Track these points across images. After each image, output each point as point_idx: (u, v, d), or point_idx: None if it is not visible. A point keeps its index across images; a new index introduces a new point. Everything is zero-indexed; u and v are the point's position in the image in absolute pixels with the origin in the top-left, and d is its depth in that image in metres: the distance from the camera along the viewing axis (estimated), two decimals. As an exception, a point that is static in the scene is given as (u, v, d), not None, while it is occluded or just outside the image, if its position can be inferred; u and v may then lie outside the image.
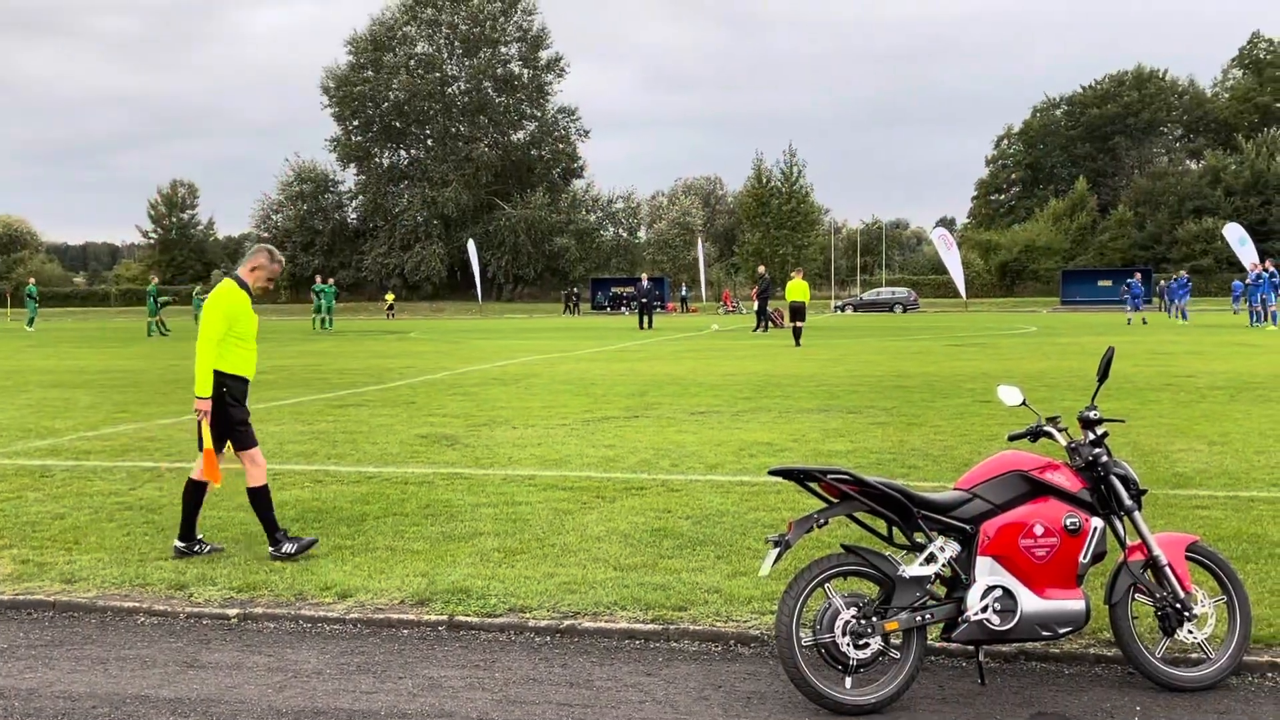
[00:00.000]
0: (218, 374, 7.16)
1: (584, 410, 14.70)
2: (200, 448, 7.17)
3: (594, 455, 10.90)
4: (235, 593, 6.41)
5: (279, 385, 19.20)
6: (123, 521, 8.18)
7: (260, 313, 8.39)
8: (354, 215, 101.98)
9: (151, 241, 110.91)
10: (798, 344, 29.90)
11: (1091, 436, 5.18)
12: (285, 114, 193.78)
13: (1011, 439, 5.50)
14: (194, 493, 7.27)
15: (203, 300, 43.23)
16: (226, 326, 7.21)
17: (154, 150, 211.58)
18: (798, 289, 32.27)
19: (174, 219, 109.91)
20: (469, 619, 5.89)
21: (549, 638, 5.72)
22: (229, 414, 7.20)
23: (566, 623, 5.78)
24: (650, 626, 5.70)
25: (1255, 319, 39.17)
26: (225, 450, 7.26)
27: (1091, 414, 5.23)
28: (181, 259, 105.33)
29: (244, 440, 7.25)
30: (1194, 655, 5.11)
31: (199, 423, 7.13)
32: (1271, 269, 39.89)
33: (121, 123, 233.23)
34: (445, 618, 5.91)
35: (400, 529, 7.82)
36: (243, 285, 7.42)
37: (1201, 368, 20.15)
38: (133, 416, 14.62)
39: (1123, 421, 5.93)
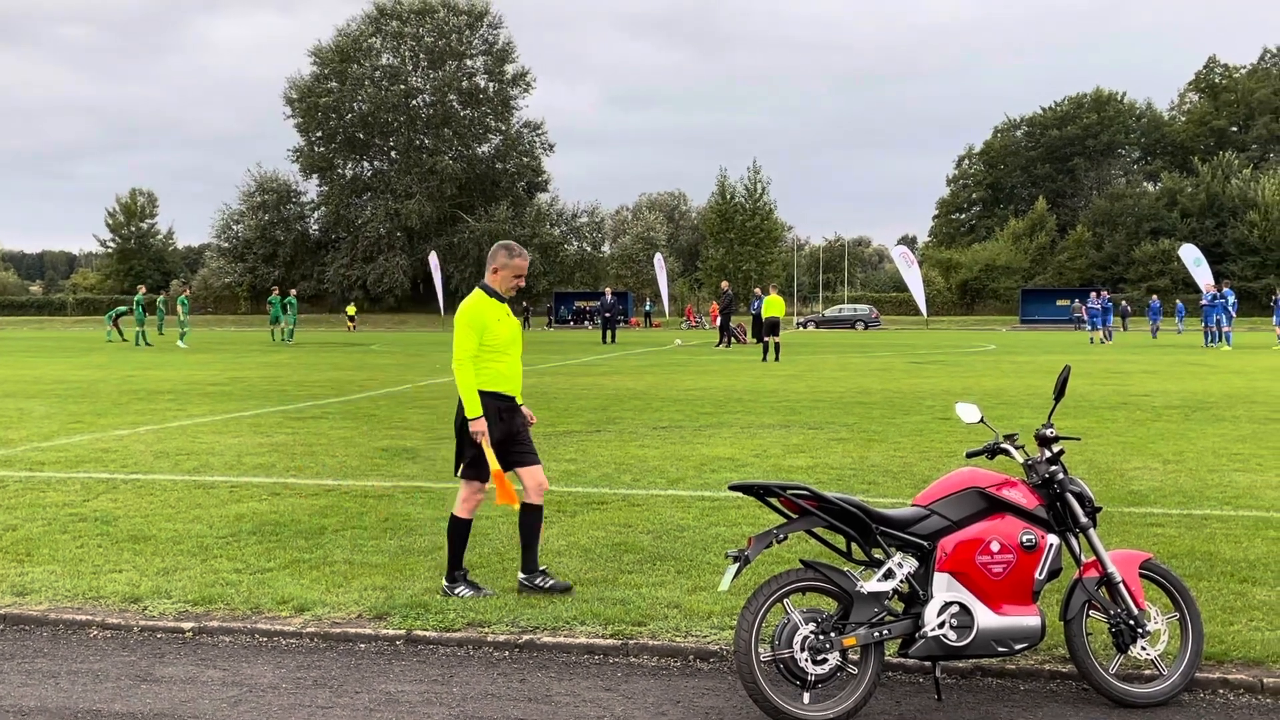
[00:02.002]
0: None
1: (546, 424, 14.66)
2: (467, 472, 6.63)
3: (555, 469, 10.87)
4: (190, 606, 6.34)
5: (237, 397, 19.04)
6: (76, 533, 8.07)
7: (219, 324, 8.27)
8: (316, 226, 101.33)
9: (110, 250, 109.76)
10: (777, 358, 30.05)
11: (1048, 454, 5.23)
12: (246, 125, 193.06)
13: (969, 456, 5.55)
14: (459, 529, 6.62)
15: (143, 306, 42.79)
16: (477, 340, 6.55)
17: (113, 159, 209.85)
18: (773, 305, 32.45)
19: (133, 228, 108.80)
20: (427, 633, 5.85)
21: (507, 653, 5.69)
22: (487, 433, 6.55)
23: (525, 637, 5.76)
24: (609, 641, 5.69)
25: (1210, 339, 39.74)
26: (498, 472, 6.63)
27: (1048, 432, 5.29)
28: (140, 268, 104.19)
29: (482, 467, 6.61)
30: (1147, 671, 5.17)
31: (479, 446, 6.47)
32: (1226, 291, 40.51)
33: (81, 131, 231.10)
34: (403, 632, 5.87)
35: (359, 542, 7.76)
36: (492, 293, 6.70)
37: (1157, 387, 20.40)
38: (88, 427, 14.45)
39: (1078, 440, 5.99)
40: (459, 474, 6.67)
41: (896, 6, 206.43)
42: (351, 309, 70.84)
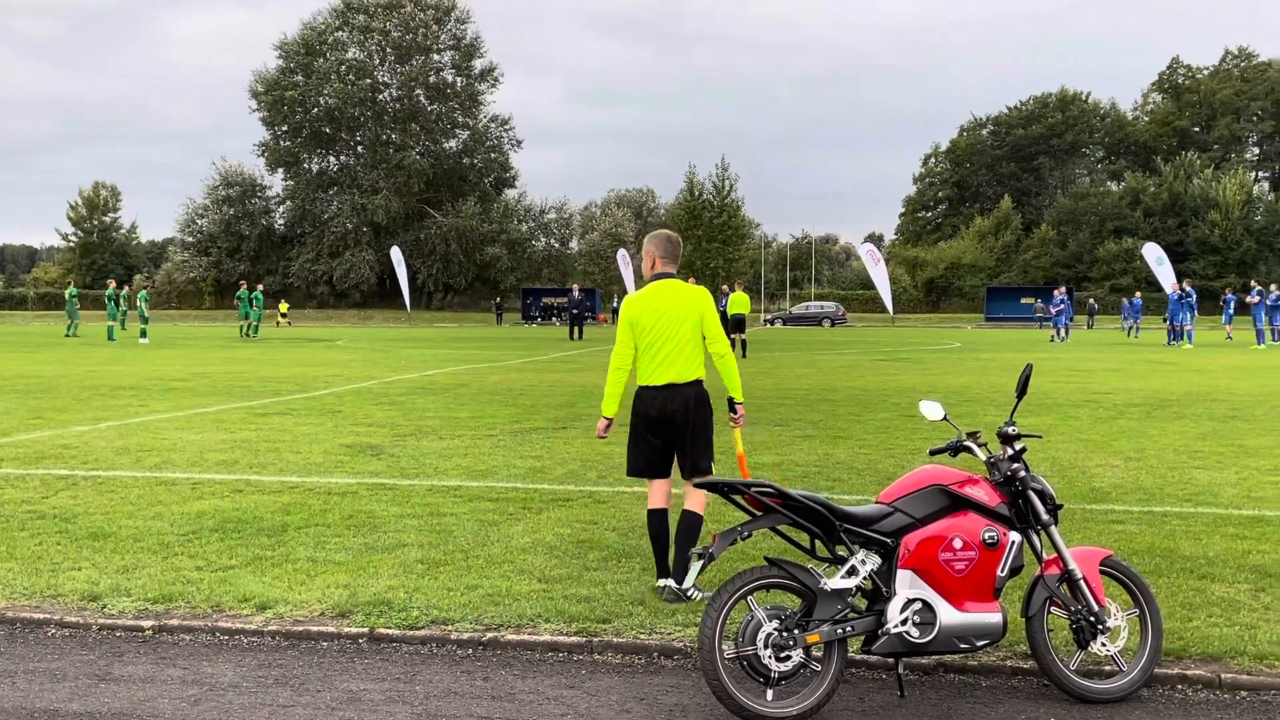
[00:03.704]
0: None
1: (512, 421, 14.63)
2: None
3: (521, 466, 10.85)
4: (150, 604, 6.27)
5: (201, 393, 18.87)
6: (35, 530, 7.97)
7: (183, 319, 8.18)
8: (282, 221, 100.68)
9: (72, 245, 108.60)
10: (744, 355, 30.11)
11: (1010, 452, 5.26)
12: (211, 119, 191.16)
13: (933, 453, 5.57)
14: (659, 523, 6.54)
15: (116, 300, 42.29)
16: (628, 336, 6.63)
17: (75, 152, 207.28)
18: (739, 302, 32.52)
19: (95, 222, 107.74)
20: (390, 631, 5.82)
21: (471, 650, 5.67)
22: (631, 427, 6.63)
23: (489, 635, 5.74)
24: (574, 639, 5.68)
25: (1172, 338, 40.15)
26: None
27: (1010, 429, 5.32)
28: (103, 262, 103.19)
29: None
30: (1107, 668, 5.21)
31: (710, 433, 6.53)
32: (1188, 289, 40.95)
33: (42, 124, 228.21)
34: (366, 630, 5.84)
35: (322, 540, 7.71)
36: (648, 284, 6.66)
37: (1120, 385, 20.59)
38: (48, 423, 14.28)
39: (1040, 437, 6.04)
40: (709, 467, 6.55)
41: (859, 7, 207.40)
42: (284, 306, 70.21)
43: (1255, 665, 5.29)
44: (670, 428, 6.52)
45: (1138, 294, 53.21)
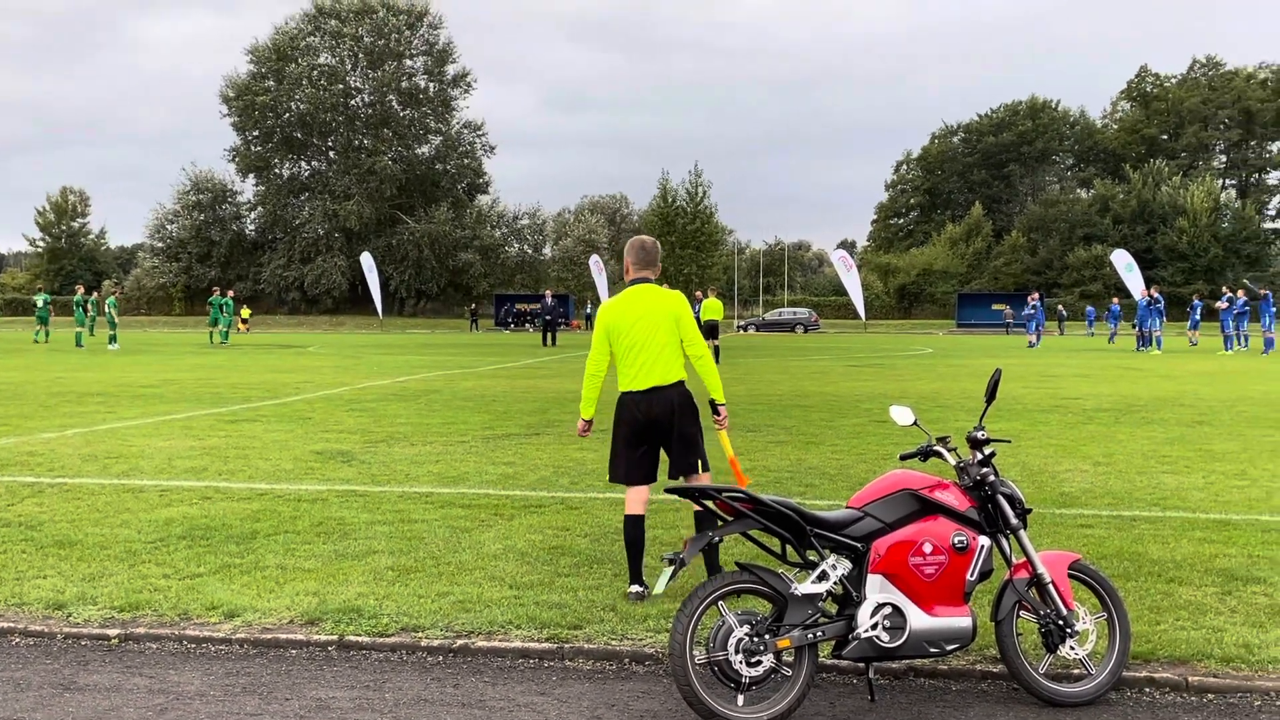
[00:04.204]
0: None
1: (484, 427, 14.59)
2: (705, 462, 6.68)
3: (493, 472, 10.82)
4: (116, 612, 6.21)
5: (170, 399, 18.73)
6: (-1, 539, 7.88)
7: (152, 325, 8.11)
8: (253, 227, 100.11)
9: (39, 250, 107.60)
10: (717, 361, 30.09)
11: (979, 456, 5.28)
12: (181, 124, 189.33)
13: (903, 458, 5.59)
14: (636, 529, 6.57)
15: (84, 307, 41.94)
16: (603, 342, 6.70)
17: (43, 157, 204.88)
18: (711, 308, 32.56)
19: (64, 227, 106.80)
20: (360, 639, 5.78)
21: (441, 657, 5.64)
22: (614, 433, 6.70)
23: (460, 642, 5.71)
24: (545, 645, 5.66)
25: (1141, 343, 40.49)
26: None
27: (979, 434, 5.34)
28: (71, 268, 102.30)
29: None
30: (1076, 671, 5.24)
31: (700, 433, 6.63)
32: (1156, 295, 41.34)
33: (8, 128, 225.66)
34: (335, 638, 5.80)
35: (291, 547, 7.66)
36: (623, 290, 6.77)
37: (1089, 390, 20.74)
38: (14, 430, 14.13)
39: (1009, 442, 6.06)
40: (703, 468, 6.59)
41: (829, 16, 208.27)
42: (246, 312, 69.78)
43: (1222, 668, 5.33)
44: (657, 431, 6.55)
45: (1115, 300, 53.58)
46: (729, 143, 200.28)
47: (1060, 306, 72.47)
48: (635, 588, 6.45)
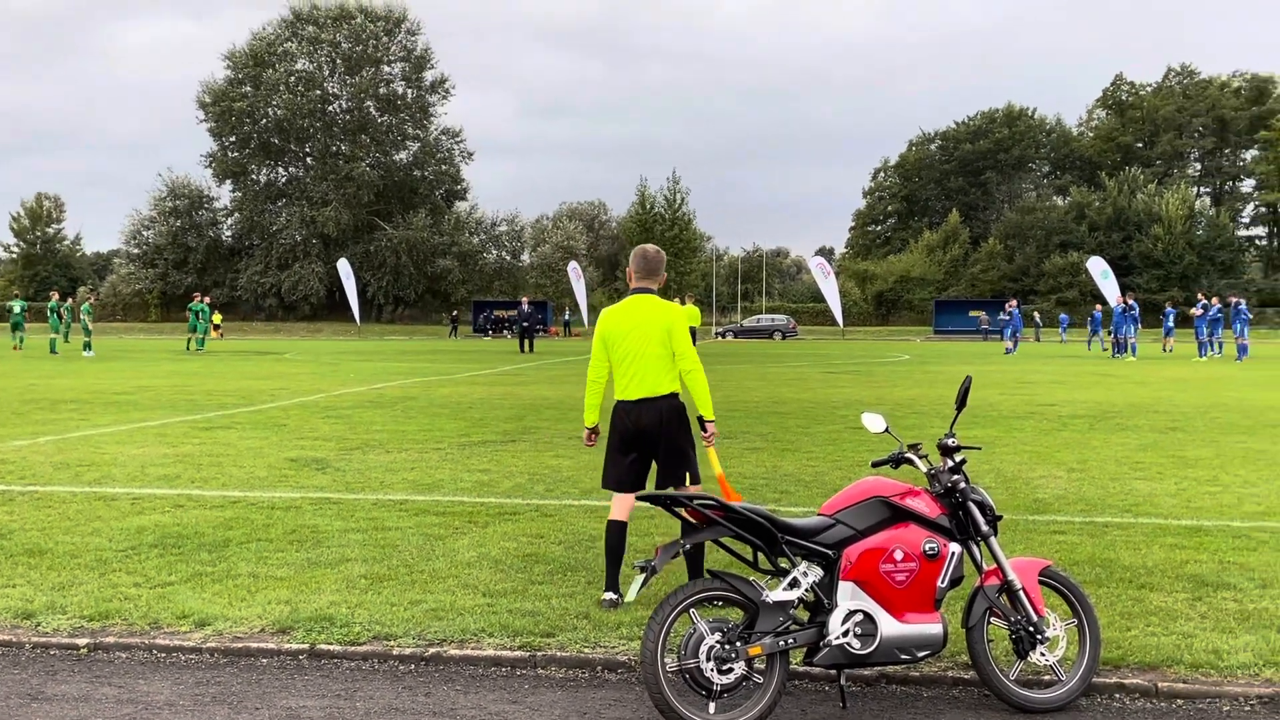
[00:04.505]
0: None
1: (460, 434, 14.56)
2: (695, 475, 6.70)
3: (468, 480, 10.79)
4: (86, 621, 6.16)
5: (143, 406, 18.61)
6: (-32, 548, 7.80)
7: (128, 331, 8.05)
8: (229, 233, 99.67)
9: (14, 256, 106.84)
10: None
11: (950, 463, 5.30)
12: (157, 130, 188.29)
13: (875, 465, 5.61)
14: (618, 535, 6.60)
15: (59, 313, 41.59)
16: (601, 349, 6.72)
17: (17, 163, 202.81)
18: (689, 315, 32.64)
19: (38, 233, 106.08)
20: (331, 647, 5.75)
21: (413, 666, 5.62)
22: (608, 440, 6.73)
23: (432, 650, 5.69)
24: (517, 654, 5.64)
25: (1116, 350, 40.75)
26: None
27: (950, 441, 5.37)
28: (46, 274, 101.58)
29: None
30: (1046, 677, 5.26)
31: (694, 449, 6.63)
32: (1131, 302, 41.61)
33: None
34: (307, 646, 5.77)
35: (264, 555, 7.62)
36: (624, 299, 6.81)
37: (1064, 397, 20.85)
38: (-15, 438, 14.01)
39: (979, 449, 6.10)
40: (691, 482, 6.60)
41: (805, 24, 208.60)
42: (218, 318, 69.39)
43: (1192, 674, 5.36)
44: (646, 441, 6.56)
45: (1098, 307, 53.82)
46: (707, 150, 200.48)
47: (1036, 313, 72.85)
48: (609, 595, 6.45)
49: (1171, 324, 43.69)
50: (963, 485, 5.22)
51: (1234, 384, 24.59)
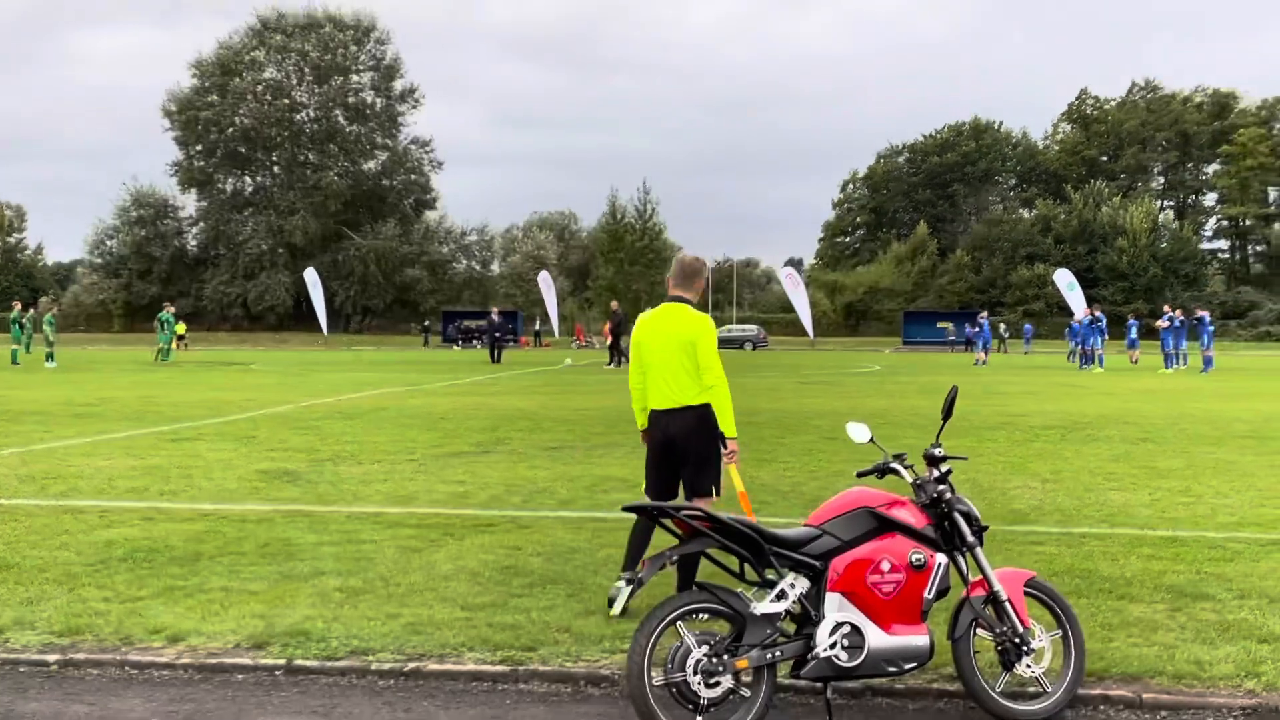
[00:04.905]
0: None
1: (433, 445, 14.44)
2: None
3: (443, 491, 10.69)
4: (56, 637, 6.03)
5: (110, 418, 18.37)
6: (-68, 562, 7.64)
7: (91, 342, 7.91)
8: (195, 242, 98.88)
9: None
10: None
11: (936, 474, 5.28)
12: (121, 139, 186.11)
13: (860, 475, 5.58)
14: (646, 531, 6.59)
15: (20, 323, 41.11)
16: (637, 356, 6.69)
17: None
18: None
19: (0, 243, 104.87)
20: (308, 662, 5.65)
21: (392, 681, 5.53)
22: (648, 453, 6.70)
23: (411, 665, 5.60)
24: (498, 668, 5.57)
25: (1084, 361, 41.06)
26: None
27: (936, 451, 5.34)
28: (7, 284, 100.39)
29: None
30: (1032, 689, 5.23)
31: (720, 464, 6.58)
32: (1098, 314, 41.96)
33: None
34: (283, 661, 5.67)
35: (237, 569, 7.50)
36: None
37: (1035, 408, 20.95)
38: (-52, 449, 13.77)
39: (965, 459, 6.07)
40: (716, 493, 6.56)
41: (772, 37, 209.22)
42: (181, 328, 68.73)
43: (1174, 684, 5.35)
44: (672, 451, 6.55)
45: (1075, 319, 54.17)
46: (677, 160, 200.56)
47: (1003, 325, 73.34)
48: (624, 577, 6.43)
49: (1135, 335, 44.03)
50: (949, 496, 5.20)
51: (1201, 395, 24.80)
